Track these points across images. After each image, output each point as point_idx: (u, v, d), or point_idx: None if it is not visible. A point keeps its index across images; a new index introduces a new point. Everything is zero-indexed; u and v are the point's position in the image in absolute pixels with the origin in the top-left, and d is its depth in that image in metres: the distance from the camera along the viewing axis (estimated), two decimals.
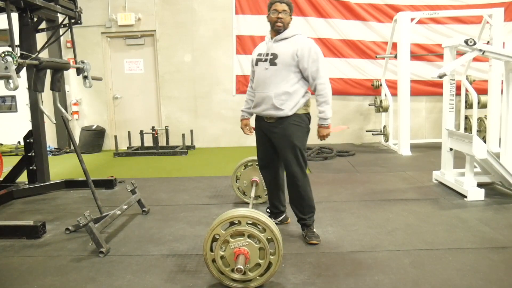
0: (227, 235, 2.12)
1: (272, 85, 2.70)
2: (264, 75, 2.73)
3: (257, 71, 2.81)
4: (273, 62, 2.71)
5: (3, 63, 2.74)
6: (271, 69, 2.72)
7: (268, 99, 2.71)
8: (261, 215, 2.15)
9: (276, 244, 2.11)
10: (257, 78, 2.79)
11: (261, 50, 2.82)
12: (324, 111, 2.72)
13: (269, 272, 2.15)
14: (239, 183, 3.68)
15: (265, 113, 2.77)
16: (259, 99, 2.79)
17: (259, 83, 2.78)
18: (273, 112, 2.72)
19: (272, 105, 2.71)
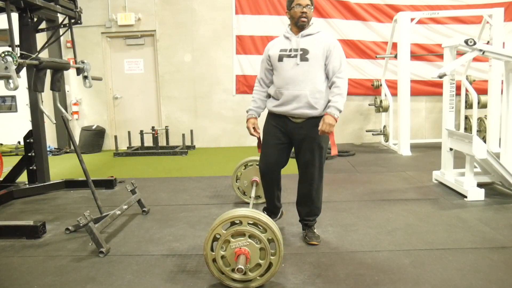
0: (228, 235, 2.12)
1: (305, 82, 2.53)
2: (295, 71, 2.55)
3: (283, 67, 2.58)
4: (305, 58, 2.55)
5: (3, 63, 2.74)
6: (303, 65, 2.55)
7: (303, 97, 2.53)
8: (262, 215, 2.15)
9: (277, 244, 2.11)
10: (285, 75, 2.57)
11: (284, 46, 2.62)
12: (338, 100, 2.52)
13: (269, 272, 2.15)
14: (239, 183, 3.68)
15: (296, 111, 2.57)
16: (289, 97, 2.56)
17: (288, 80, 2.56)
18: (307, 111, 2.56)
19: (307, 103, 2.54)
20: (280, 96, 2.62)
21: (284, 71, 2.58)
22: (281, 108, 2.63)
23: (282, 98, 2.60)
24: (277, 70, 2.64)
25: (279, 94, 2.62)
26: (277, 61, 2.62)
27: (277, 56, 2.62)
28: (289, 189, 4.17)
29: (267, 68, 2.73)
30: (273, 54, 2.65)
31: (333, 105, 2.53)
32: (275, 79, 2.65)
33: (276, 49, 2.65)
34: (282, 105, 2.62)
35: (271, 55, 2.67)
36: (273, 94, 2.70)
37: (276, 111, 2.66)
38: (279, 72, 2.62)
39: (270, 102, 2.72)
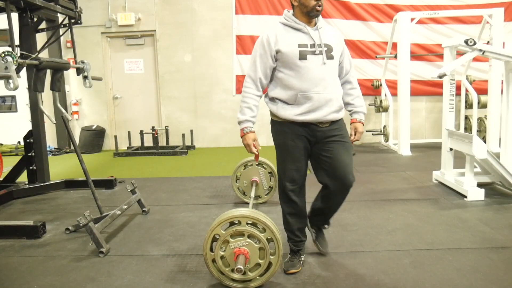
0: (227, 235, 2.12)
1: (333, 83, 2.23)
2: (323, 71, 2.18)
3: (308, 67, 2.16)
4: (330, 55, 2.21)
5: (3, 63, 2.74)
6: (329, 64, 2.21)
7: (335, 101, 2.22)
8: (261, 215, 2.15)
9: (276, 244, 2.11)
10: (312, 76, 2.16)
11: (301, 40, 2.19)
12: (362, 104, 2.36)
13: (269, 272, 2.15)
14: (239, 183, 3.68)
15: (329, 117, 2.22)
16: (321, 102, 2.18)
17: (315, 82, 2.17)
18: (337, 115, 2.26)
19: (338, 107, 2.25)
20: (305, 101, 2.19)
21: (310, 71, 2.17)
22: (310, 116, 2.20)
23: (309, 103, 2.18)
24: (297, 70, 2.18)
25: (304, 98, 2.18)
26: (297, 59, 2.16)
27: (297, 53, 2.17)
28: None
29: (270, 66, 2.25)
30: (289, 50, 2.18)
31: (360, 110, 2.36)
32: (294, 81, 2.19)
33: (290, 43, 2.18)
34: (311, 111, 2.19)
35: (285, 51, 2.18)
36: (286, 98, 2.23)
37: (303, 120, 2.21)
38: (301, 72, 2.18)
39: (285, 109, 2.24)
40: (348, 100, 2.37)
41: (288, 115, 2.23)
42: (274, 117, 2.34)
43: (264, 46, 2.23)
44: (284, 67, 2.22)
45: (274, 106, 2.29)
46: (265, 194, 3.67)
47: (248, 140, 2.29)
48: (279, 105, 2.27)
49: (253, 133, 2.31)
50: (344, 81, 2.37)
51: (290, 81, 2.21)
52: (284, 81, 2.23)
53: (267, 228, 2.12)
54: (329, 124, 2.26)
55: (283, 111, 2.25)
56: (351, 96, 2.37)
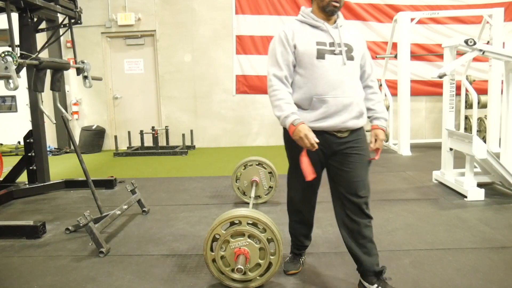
0: (228, 235, 2.12)
1: (353, 86, 2.00)
2: (342, 73, 1.96)
3: (325, 67, 1.95)
4: (350, 56, 2.01)
5: (3, 63, 2.74)
6: (349, 65, 2.00)
7: (354, 105, 1.98)
8: (261, 215, 2.15)
9: (277, 244, 2.12)
10: (330, 78, 1.94)
11: (320, 38, 1.99)
12: (384, 110, 2.18)
13: (269, 272, 2.15)
14: (239, 183, 3.68)
15: (348, 124, 1.98)
16: (338, 107, 1.95)
17: (336, 84, 1.95)
18: (357, 122, 2.02)
19: (358, 112, 2.01)
20: (320, 105, 1.95)
21: (328, 72, 1.95)
22: (325, 123, 1.96)
23: (325, 108, 1.95)
24: (313, 70, 1.96)
25: (320, 102, 1.95)
26: (314, 58, 1.96)
27: (315, 52, 1.96)
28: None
29: (293, 62, 2.02)
30: (306, 48, 1.97)
31: (382, 116, 2.16)
32: (309, 82, 1.97)
33: (307, 41, 1.99)
34: (327, 118, 1.96)
35: (301, 49, 1.98)
36: (300, 102, 2.00)
37: (319, 127, 1.97)
38: (317, 73, 1.95)
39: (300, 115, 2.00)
40: (368, 105, 2.16)
41: None
42: None
43: (283, 43, 2.02)
44: (299, 67, 2.01)
45: None
46: (265, 194, 3.67)
47: (303, 130, 1.91)
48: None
49: (305, 125, 1.94)
50: (365, 86, 2.16)
51: (305, 82, 1.98)
52: (299, 82, 2.01)
53: (267, 228, 2.12)
54: (348, 133, 2.02)
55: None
56: (371, 101, 2.16)
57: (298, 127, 1.92)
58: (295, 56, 2.01)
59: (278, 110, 1.97)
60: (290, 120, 1.93)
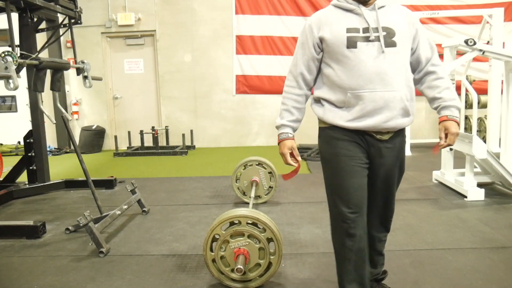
0: (227, 235, 2.12)
1: (397, 78, 1.67)
2: (381, 63, 1.65)
3: (360, 57, 1.66)
4: (391, 42, 1.68)
5: (3, 63, 2.74)
6: (390, 52, 1.67)
7: (397, 101, 1.67)
8: (261, 215, 2.15)
9: (276, 244, 2.11)
10: (366, 70, 1.65)
11: (352, 23, 1.70)
12: (454, 97, 1.76)
13: (269, 272, 2.15)
14: (239, 183, 3.68)
15: (389, 124, 1.68)
16: (377, 103, 1.65)
17: (372, 77, 1.65)
18: (402, 121, 1.71)
19: (403, 109, 1.69)
20: (356, 102, 1.68)
21: (362, 63, 1.66)
22: (364, 122, 1.68)
23: (361, 105, 1.67)
24: (345, 62, 1.68)
25: (355, 99, 1.67)
26: (345, 48, 1.67)
27: (345, 40, 1.67)
28: (289, 189, 4.17)
29: (313, 57, 1.77)
30: (334, 36, 1.69)
31: (452, 104, 1.74)
32: (342, 76, 1.69)
33: (336, 28, 1.69)
34: (364, 116, 1.67)
35: (329, 38, 1.70)
36: (334, 99, 1.73)
37: (354, 127, 1.70)
38: (350, 64, 1.67)
39: (332, 112, 1.75)
40: (433, 94, 1.78)
41: (337, 120, 1.73)
42: (322, 123, 1.82)
43: (305, 33, 1.78)
44: (330, 59, 1.73)
45: (321, 109, 1.80)
46: (265, 194, 3.67)
47: (283, 148, 1.81)
48: (326, 107, 1.77)
49: (290, 140, 1.81)
50: (425, 73, 1.80)
51: (338, 76, 1.71)
52: (331, 77, 1.73)
53: (267, 228, 2.12)
54: (389, 135, 1.73)
55: (331, 114, 1.75)
56: (437, 88, 1.78)
57: (281, 143, 1.82)
58: (324, 47, 1.74)
59: (279, 116, 1.85)
60: (278, 132, 1.83)
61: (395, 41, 1.68)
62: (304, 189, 4.18)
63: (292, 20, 7.04)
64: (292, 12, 7.02)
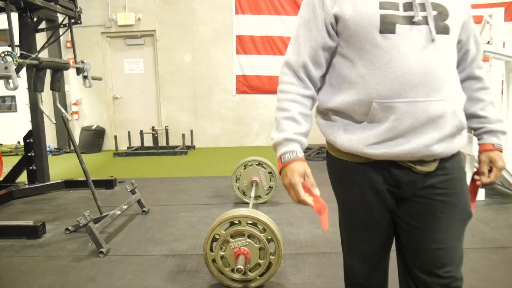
0: (227, 235, 2.12)
1: (450, 81, 1.11)
2: (429, 56, 1.07)
3: (396, 46, 1.06)
4: (444, 27, 1.10)
5: (3, 63, 2.74)
6: (442, 42, 1.09)
7: (449, 116, 1.10)
8: (261, 215, 2.15)
9: (276, 244, 2.11)
10: (403, 65, 1.06)
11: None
12: (501, 118, 1.28)
13: (269, 272, 2.15)
14: (239, 183, 3.68)
15: (435, 149, 1.09)
16: (418, 119, 1.07)
17: (410, 77, 1.06)
18: (451, 145, 1.12)
19: (456, 127, 1.12)
20: (385, 116, 1.09)
21: (401, 57, 1.06)
22: (394, 148, 1.09)
23: (394, 122, 1.08)
24: (374, 53, 1.07)
25: (384, 112, 1.08)
26: (377, 32, 1.06)
27: (377, 20, 1.06)
28: None
29: (325, 45, 1.14)
30: (359, 14, 1.07)
31: (497, 128, 1.26)
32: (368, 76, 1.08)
33: (363, 0, 1.08)
34: (396, 138, 1.09)
35: (351, 16, 1.08)
36: (351, 109, 1.13)
37: (380, 155, 1.11)
38: (383, 58, 1.06)
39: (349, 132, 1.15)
40: (475, 109, 1.26)
41: (354, 145, 1.13)
42: (331, 148, 1.25)
43: (313, 7, 1.14)
44: (348, 47, 1.12)
45: (330, 127, 1.20)
46: (265, 194, 3.67)
47: (291, 175, 1.13)
48: (339, 125, 1.17)
49: (300, 163, 1.14)
50: (468, 76, 1.25)
51: (361, 77, 1.10)
52: (349, 77, 1.13)
53: (267, 228, 2.12)
54: (435, 164, 1.12)
55: (345, 137, 1.16)
56: (480, 103, 1.26)
57: (287, 167, 1.14)
58: (341, 30, 1.11)
59: (275, 126, 1.19)
60: (279, 152, 1.16)
61: (449, 25, 1.09)
62: None
63: (292, 20, 7.04)
64: (292, 12, 7.02)
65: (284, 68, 1.21)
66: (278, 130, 1.17)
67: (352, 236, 1.30)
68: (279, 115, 1.18)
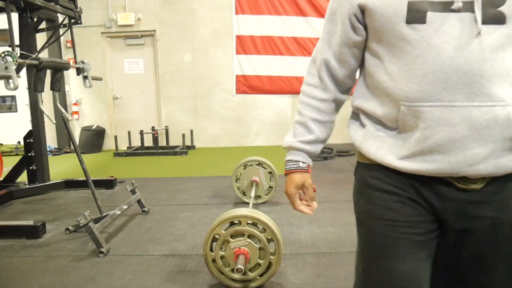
0: (227, 235, 2.12)
1: (501, 81, 0.86)
2: (472, 52, 0.84)
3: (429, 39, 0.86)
4: (497, 15, 0.85)
5: (3, 63, 2.74)
6: (492, 33, 0.85)
7: (500, 126, 0.86)
8: (261, 215, 2.15)
9: (276, 244, 2.11)
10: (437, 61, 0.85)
11: None
12: None
13: (269, 272, 2.15)
14: (239, 183, 3.68)
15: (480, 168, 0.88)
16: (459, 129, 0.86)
17: (448, 77, 0.85)
18: (505, 160, 0.89)
19: (509, 139, 0.87)
20: (415, 123, 0.91)
21: (433, 51, 0.87)
22: (428, 166, 0.90)
23: (424, 131, 0.89)
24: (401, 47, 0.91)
25: (413, 118, 0.91)
26: (403, 23, 0.89)
27: (404, 8, 0.89)
28: None
29: (350, 40, 1.02)
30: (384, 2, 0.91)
31: None
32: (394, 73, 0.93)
33: None
34: (429, 153, 0.90)
35: (375, 5, 0.93)
36: (381, 113, 0.99)
37: (414, 171, 0.93)
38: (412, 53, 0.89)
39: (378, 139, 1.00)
40: None
41: (384, 156, 0.98)
42: (360, 155, 1.11)
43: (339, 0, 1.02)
44: (377, 43, 0.98)
45: (359, 130, 1.09)
46: (265, 194, 3.67)
47: (288, 186, 1.14)
48: (369, 129, 1.04)
49: (300, 175, 1.12)
50: None
51: (388, 73, 0.95)
52: (377, 74, 0.98)
53: (267, 228, 2.12)
54: (483, 183, 0.92)
55: (373, 144, 1.01)
56: None
57: (288, 176, 1.14)
58: (368, 22, 0.98)
59: (291, 131, 1.16)
60: (286, 157, 1.15)
61: (504, 13, 0.86)
62: None
63: (292, 20, 7.04)
64: (292, 12, 7.02)
65: (309, 66, 1.13)
66: (290, 134, 1.15)
67: (371, 268, 1.11)
68: (295, 117, 1.16)
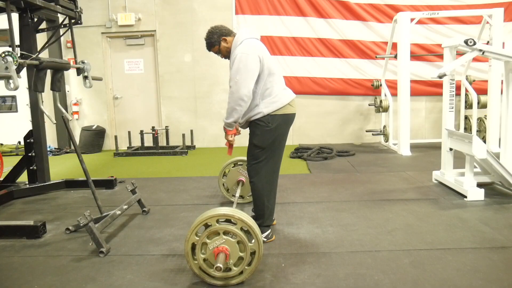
0: (203, 237, 2.14)
1: None
2: None
3: None
4: None
5: (3, 63, 2.74)
6: None
7: None
8: (226, 209, 2.20)
9: (252, 232, 2.15)
10: None
11: None
12: None
13: (255, 258, 2.17)
14: (226, 179, 3.68)
15: None
16: None
17: None
18: None
19: None
20: None
21: None
22: None
23: None
24: None
25: None
26: None
27: None
28: (289, 189, 4.17)
29: None
30: None
31: None
32: None
33: None
34: None
35: None
36: None
37: None
38: None
39: None
40: None
41: None
42: None
43: None
44: None
45: None
46: (248, 195, 3.67)
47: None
48: None
49: None
50: None
51: None
52: None
53: (238, 220, 2.15)
54: None
55: None
56: None
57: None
58: None
59: None
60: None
61: None
62: (304, 189, 4.18)
63: (292, 20, 7.04)
64: (292, 12, 7.02)
65: None
66: None
67: None
68: None
